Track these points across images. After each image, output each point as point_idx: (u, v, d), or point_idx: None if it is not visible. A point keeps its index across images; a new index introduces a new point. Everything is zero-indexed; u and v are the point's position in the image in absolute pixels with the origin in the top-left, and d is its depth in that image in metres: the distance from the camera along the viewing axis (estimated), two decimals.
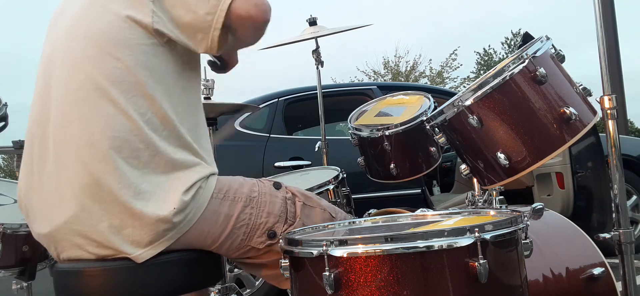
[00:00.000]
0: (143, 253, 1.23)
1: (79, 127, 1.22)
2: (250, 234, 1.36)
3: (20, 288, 2.02)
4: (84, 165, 1.20)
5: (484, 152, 1.47)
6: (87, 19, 1.27)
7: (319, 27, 2.78)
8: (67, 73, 1.26)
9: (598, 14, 1.50)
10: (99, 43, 1.24)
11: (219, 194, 1.33)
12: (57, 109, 1.25)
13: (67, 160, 1.22)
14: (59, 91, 1.26)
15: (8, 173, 25.67)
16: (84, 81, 1.23)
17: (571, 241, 1.65)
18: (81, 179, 1.21)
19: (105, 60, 1.23)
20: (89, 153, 1.20)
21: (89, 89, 1.22)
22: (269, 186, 1.43)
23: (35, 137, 1.31)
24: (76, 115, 1.23)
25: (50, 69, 1.30)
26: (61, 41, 1.30)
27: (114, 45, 1.23)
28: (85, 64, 1.24)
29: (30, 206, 1.32)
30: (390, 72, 20.40)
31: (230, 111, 2.76)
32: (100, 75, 1.22)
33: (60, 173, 1.23)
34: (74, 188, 1.21)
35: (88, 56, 1.24)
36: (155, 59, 1.27)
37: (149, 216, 1.21)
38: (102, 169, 1.20)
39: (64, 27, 1.32)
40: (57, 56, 1.29)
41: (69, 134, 1.23)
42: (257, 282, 3.29)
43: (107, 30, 1.24)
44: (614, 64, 7.14)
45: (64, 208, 1.23)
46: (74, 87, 1.24)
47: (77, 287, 1.26)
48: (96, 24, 1.26)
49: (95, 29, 1.25)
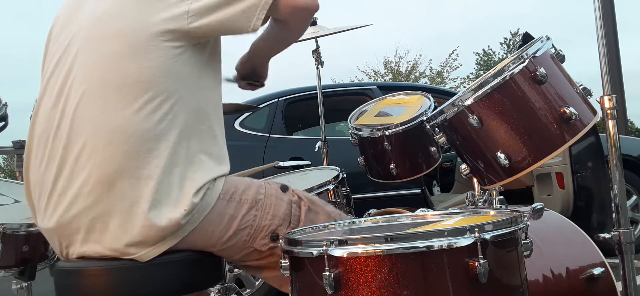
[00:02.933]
0: (148, 253, 1.23)
1: (99, 125, 1.21)
2: (253, 236, 1.36)
3: (20, 288, 2.02)
4: (100, 164, 1.20)
5: (484, 152, 1.47)
6: (119, 16, 1.26)
7: (319, 27, 2.78)
8: (90, 69, 1.25)
9: (598, 14, 1.50)
10: (129, 42, 1.23)
11: (225, 195, 1.32)
12: (76, 103, 1.24)
13: (84, 156, 1.21)
14: (80, 87, 1.24)
15: (8, 173, 25.67)
16: (108, 79, 1.22)
17: (571, 241, 1.65)
18: (96, 176, 1.20)
19: (133, 60, 1.22)
20: (106, 152, 1.20)
21: (113, 87, 1.22)
22: (275, 188, 1.42)
23: (49, 131, 1.28)
24: (96, 113, 1.22)
25: (68, 62, 1.28)
26: (84, 36, 1.28)
27: (142, 45, 1.23)
28: (112, 61, 1.23)
29: (39, 199, 1.30)
30: (391, 72, 20.41)
31: (230, 111, 2.76)
32: (126, 75, 1.22)
33: (75, 169, 1.22)
34: (88, 185, 1.21)
35: (115, 54, 1.23)
36: (182, 61, 1.27)
37: (160, 218, 1.20)
38: (118, 169, 1.19)
39: (88, 21, 1.29)
40: (79, 51, 1.27)
41: (87, 131, 1.22)
42: (257, 282, 3.30)
43: (139, 31, 1.23)
44: (614, 64, 7.14)
45: (76, 203, 1.22)
46: (97, 85, 1.23)
47: (77, 287, 1.26)
48: (128, 22, 1.25)
49: (127, 27, 1.24)
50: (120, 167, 1.20)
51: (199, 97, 1.31)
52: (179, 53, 1.26)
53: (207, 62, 1.35)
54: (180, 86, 1.26)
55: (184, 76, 1.27)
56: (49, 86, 1.32)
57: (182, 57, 1.27)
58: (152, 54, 1.23)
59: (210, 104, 1.36)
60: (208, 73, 1.35)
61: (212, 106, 1.36)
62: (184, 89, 1.27)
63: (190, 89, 1.29)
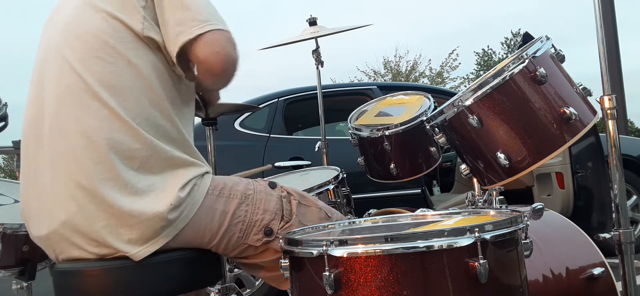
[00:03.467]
0: (140, 251, 1.23)
1: (74, 129, 1.22)
2: (246, 231, 1.37)
3: (20, 288, 2.02)
4: (80, 166, 1.21)
5: (484, 152, 1.47)
6: (80, 21, 1.28)
7: (319, 27, 2.78)
8: (59, 74, 1.26)
9: (598, 14, 1.50)
10: (92, 45, 1.25)
11: (214, 191, 1.34)
12: (51, 110, 1.26)
13: (63, 162, 1.23)
14: (52, 93, 1.26)
15: (8, 173, 25.68)
16: (77, 83, 1.23)
17: (571, 241, 1.65)
18: (77, 180, 1.21)
19: (98, 62, 1.24)
20: (85, 155, 1.21)
21: (82, 91, 1.23)
22: (264, 185, 1.44)
23: (30, 140, 1.31)
24: (70, 117, 1.23)
25: (43, 69, 1.31)
26: (55, 42, 1.30)
27: (106, 47, 1.24)
28: (78, 65, 1.24)
29: (28, 209, 1.32)
30: (390, 72, 20.40)
31: (230, 111, 2.76)
32: (92, 77, 1.23)
33: (56, 175, 1.24)
34: (71, 189, 1.22)
35: (80, 58, 1.24)
36: (148, 61, 1.28)
37: (145, 213, 1.21)
38: (98, 170, 1.20)
39: (58, 27, 1.32)
40: (50, 57, 1.29)
41: (64, 136, 1.23)
42: (257, 282, 3.29)
43: (100, 33, 1.25)
44: (614, 64, 7.14)
45: (61, 210, 1.23)
46: (67, 89, 1.24)
47: (76, 287, 1.26)
48: (89, 26, 1.26)
49: (88, 31, 1.26)
50: (100, 170, 1.20)
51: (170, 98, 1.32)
52: (142, 54, 1.27)
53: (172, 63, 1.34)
54: (148, 86, 1.27)
55: (151, 76, 1.28)
56: (30, 91, 1.34)
57: (147, 57, 1.28)
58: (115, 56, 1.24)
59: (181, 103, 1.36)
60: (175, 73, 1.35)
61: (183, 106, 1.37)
62: (153, 90, 1.28)
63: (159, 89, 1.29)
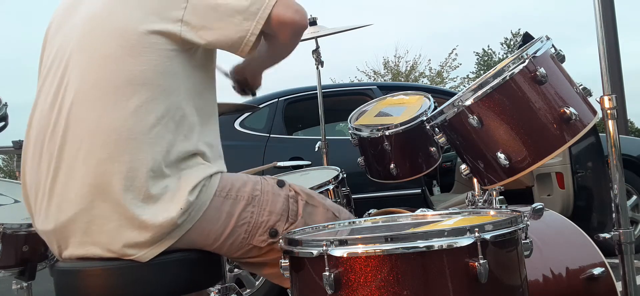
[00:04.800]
0: (146, 253, 1.23)
1: (94, 125, 1.21)
2: (251, 233, 1.36)
3: (20, 288, 2.02)
4: (96, 164, 1.20)
5: (484, 152, 1.47)
6: (112, 17, 1.26)
7: (318, 27, 2.78)
8: (84, 69, 1.25)
9: (598, 14, 1.50)
10: (122, 43, 1.23)
11: (221, 192, 1.32)
12: (71, 105, 1.24)
13: (79, 158, 1.22)
14: (74, 87, 1.24)
15: (8, 173, 25.67)
16: (102, 79, 1.22)
17: (571, 241, 1.65)
18: (91, 178, 1.20)
19: (126, 60, 1.22)
20: (102, 153, 1.20)
21: (107, 88, 1.22)
22: (272, 184, 1.43)
23: (45, 132, 1.28)
24: (91, 114, 1.22)
25: (63, 63, 1.28)
26: (78, 36, 1.28)
27: (136, 46, 1.23)
28: (106, 62, 1.23)
29: (36, 201, 1.31)
30: (390, 72, 20.41)
31: (230, 111, 2.76)
32: (119, 75, 1.22)
33: (71, 171, 1.22)
34: (84, 187, 1.21)
35: (109, 55, 1.23)
36: (176, 62, 1.27)
37: (156, 218, 1.20)
38: (114, 170, 1.19)
39: (82, 22, 1.30)
40: (73, 51, 1.28)
41: (82, 132, 1.22)
42: (257, 282, 3.30)
43: (132, 31, 1.24)
44: (614, 64, 7.15)
45: (72, 205, 1.22)
46: (91, 85, 1.23)
47: (77, 287, 1.26)
48: (122, 23, 1.25)
49: (120, 28, 1.24)
50: (116, 168, 1.20)
51: (194, 98, 1.32)
52: (173, 54, 1.26)
53: (201, 63, 1.35)
54: (175, 86, 1.27)
55: (178, 76, 1.27)
56: (44, 87, 1.32)
57: (176, 58, 1.27)
58: (145, 55, 1.23)
59: (205, 103, 1.36)
60: (202, 73, 1.36)
61: (206, 105, 1.37)
62: (178, 89, 1.27)
63: (185, 89, 1.29)
